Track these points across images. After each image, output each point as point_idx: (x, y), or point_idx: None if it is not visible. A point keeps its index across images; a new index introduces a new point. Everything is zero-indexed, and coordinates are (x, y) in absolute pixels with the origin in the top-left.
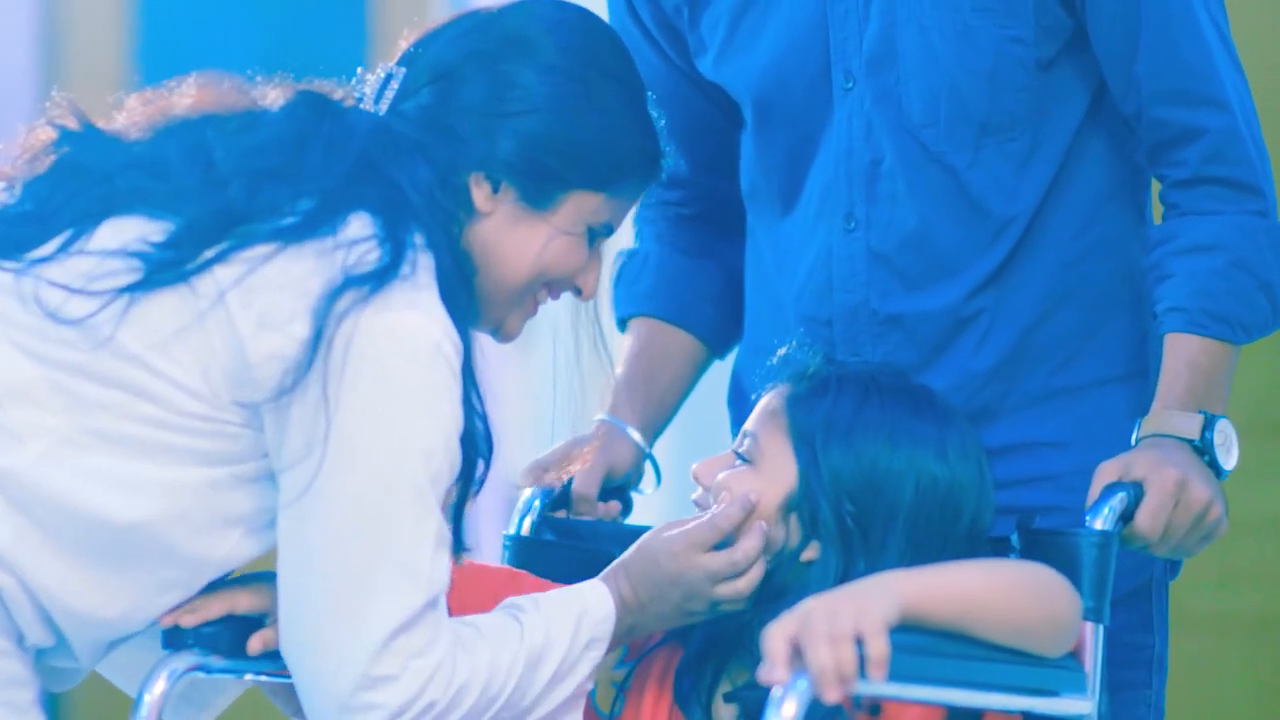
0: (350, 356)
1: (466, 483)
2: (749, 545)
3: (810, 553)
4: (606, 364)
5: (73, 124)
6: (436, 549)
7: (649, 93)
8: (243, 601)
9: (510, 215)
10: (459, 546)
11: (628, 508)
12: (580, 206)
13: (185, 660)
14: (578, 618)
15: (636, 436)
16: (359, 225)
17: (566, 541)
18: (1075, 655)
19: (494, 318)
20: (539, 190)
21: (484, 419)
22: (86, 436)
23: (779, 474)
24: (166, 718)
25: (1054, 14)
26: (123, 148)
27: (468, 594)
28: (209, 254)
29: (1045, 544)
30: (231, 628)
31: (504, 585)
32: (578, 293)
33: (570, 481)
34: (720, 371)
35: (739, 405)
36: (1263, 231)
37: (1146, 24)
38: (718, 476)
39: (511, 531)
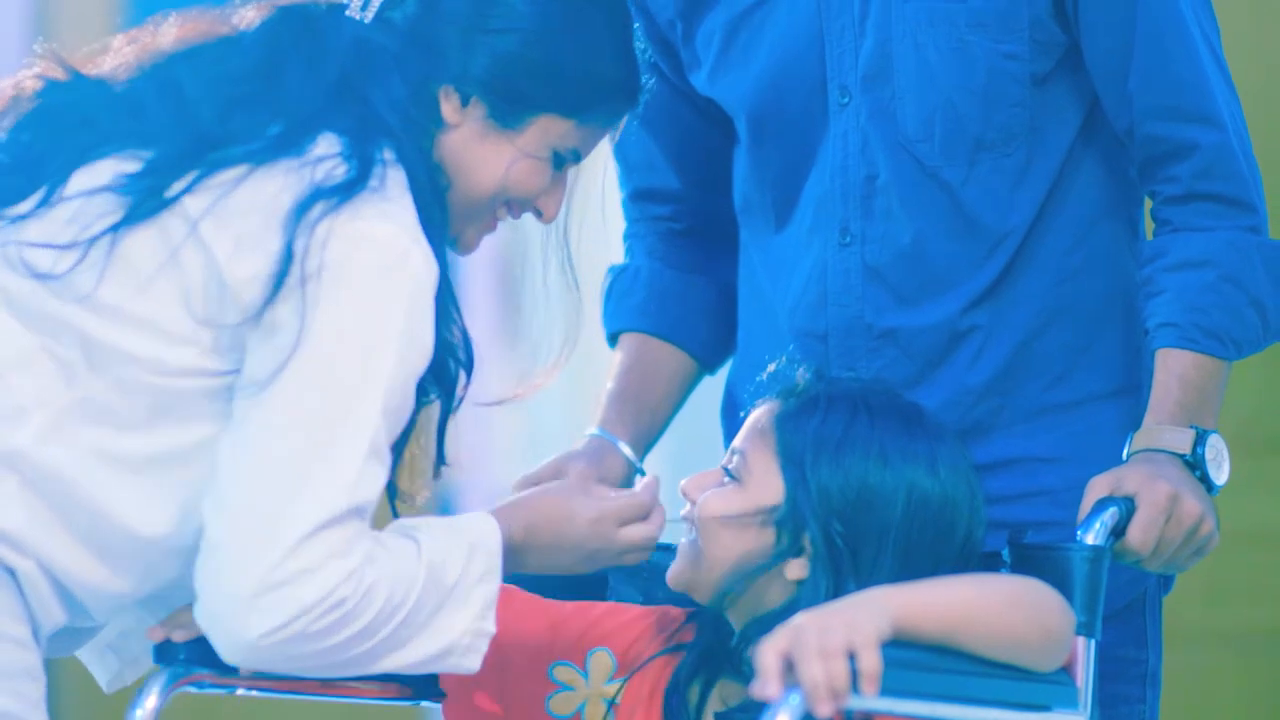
0: (320, 263)
1: (448, 397)
2: (649, 482)
3: (797, 571)
4: (573, 288)
5: (59, 73)
6: (369, 459)
7: (636, 24)
8: None
9: (477, 131)
10: (440, 460)
11: None
12: (548, 130)
13: (176, 674)
14: (470, 545)
15: (627, 451)
16: (326, 144)
17: None
18: (1068, 670)
19: (453, 229)
20: (508, 110)
21: (463, 331)
22: (83, 407)
23: (766, 492)
24: (91, 667)
25: (1049, 29)
26: (105, 91)
27: None
28: (181, 184)
29: (1037, 559)
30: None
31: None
32: (539, 215)
33: None
34: (712, 385)
35: (731, 420)
36: (1254, 248)
37: (1140, 40)
38: (701, 496)
39: None
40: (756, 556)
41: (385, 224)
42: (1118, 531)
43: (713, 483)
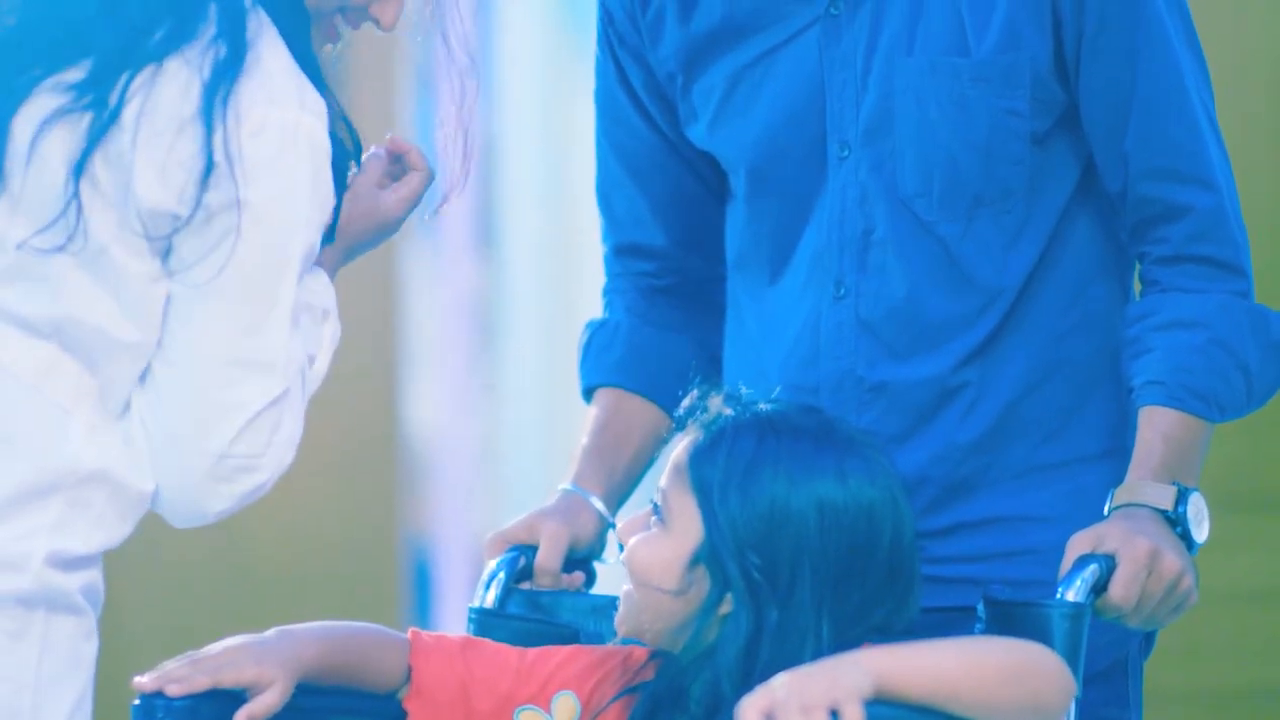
0: (228, 162)
1: (340, 186)
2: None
3: (726, 607)
4: (462, 60)
5: None
6: (292, 333)
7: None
8: (228, 677)
9: None
10: (331, 236)
11: (591, 579)
12: None
13: None
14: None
15: (600, 506)
16: (206, 27)
17: (532, 614)
18: None
19: None
20: None
21: (345, 120)
22: (109, 392)
23: (687, 531)
24: None
25: (1049, 88)
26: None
27: (430, 667)
28: (116, 93)
29: (1016, 616)
30: (208, 703)
31: (462, 652)
32: (378, 24)
33: (534, 553)
34: None
35: None
36: (1243, 312)
37: (1139, 100)
38: (629, 542)
39: (476, 604)
40: (693, 600)
41: (272, 109)
42: (1099, 589)
43: (643, 525)
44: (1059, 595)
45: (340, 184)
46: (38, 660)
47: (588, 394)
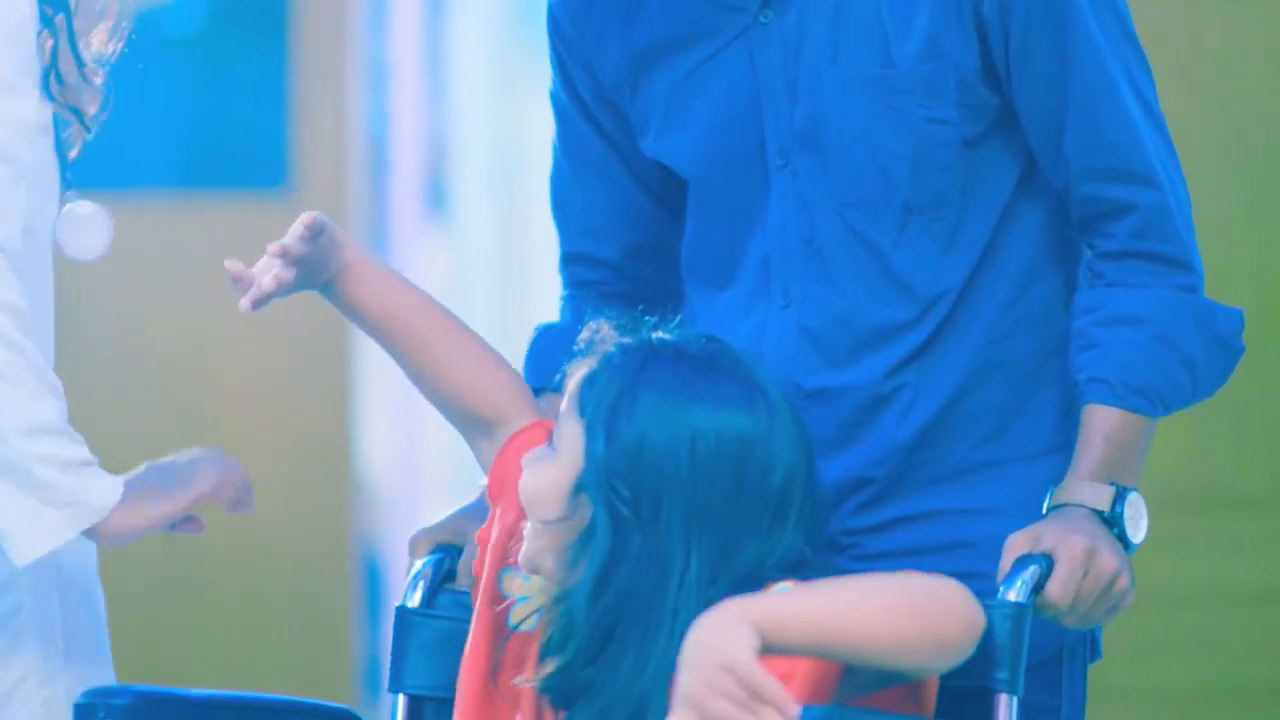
0: None
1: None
2: None
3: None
4: None
5: None
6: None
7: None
8: None
9: None
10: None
11: None
12: None
13: None
14: None
15: None
16: None
17: (459, 614)
18: None
19: None
20: None
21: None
22: None
23: (572, 459)
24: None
25: (978, 93)
26: None
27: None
28: None
29: None
30: (149, 704)
31: None
32: None
33: (458, 553)
34: None
35: None
36: (1187, 307)
37: (1071, 103)
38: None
39: (402, 604)
40: (574, 528)
41: None
42: (1037, 587)
43: (542, 454)
44: (1000, 595)
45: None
46: None
47: None
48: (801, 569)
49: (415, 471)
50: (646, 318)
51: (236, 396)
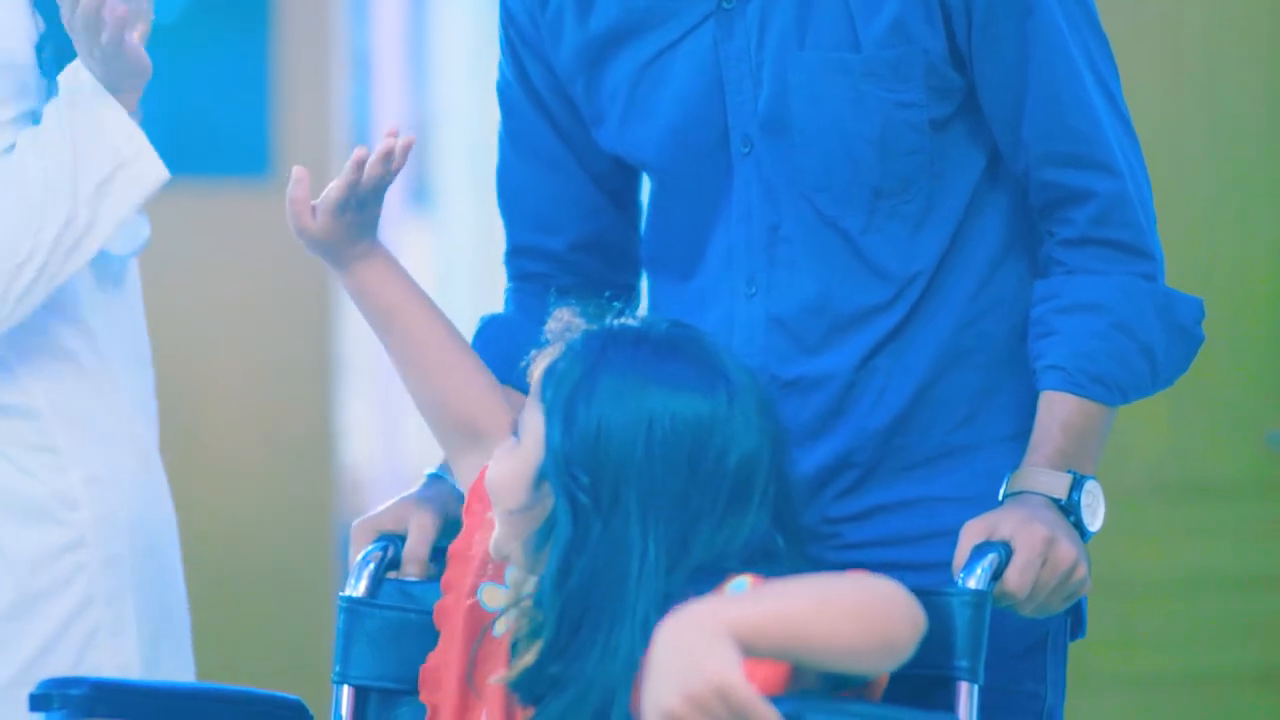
0: None
1: None
2: None
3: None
4: None
5: None
6: None
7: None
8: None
9: None
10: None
11: None
12: None
13: None
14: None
15: (465, 493)
16: None
17: (405, 604)
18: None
19: None
20: None
21: None
22: None
23: (535, 447)
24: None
25: (945, 76)
26: None
27: None
28: None
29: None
30: (105, 693)
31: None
32: None
33: (402, 542)
34: None
35: None
36: (1146, 295)
37: (1031, 89)
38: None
39: (346, 593)
40: (538, 516)
41: None
42: (995, 575)
43: (510, 445)
44: (960, 583)
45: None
46: None
47: None
48: (770, 560)
49: (397, 459)
50: (613, 304)
51: (218, 383)
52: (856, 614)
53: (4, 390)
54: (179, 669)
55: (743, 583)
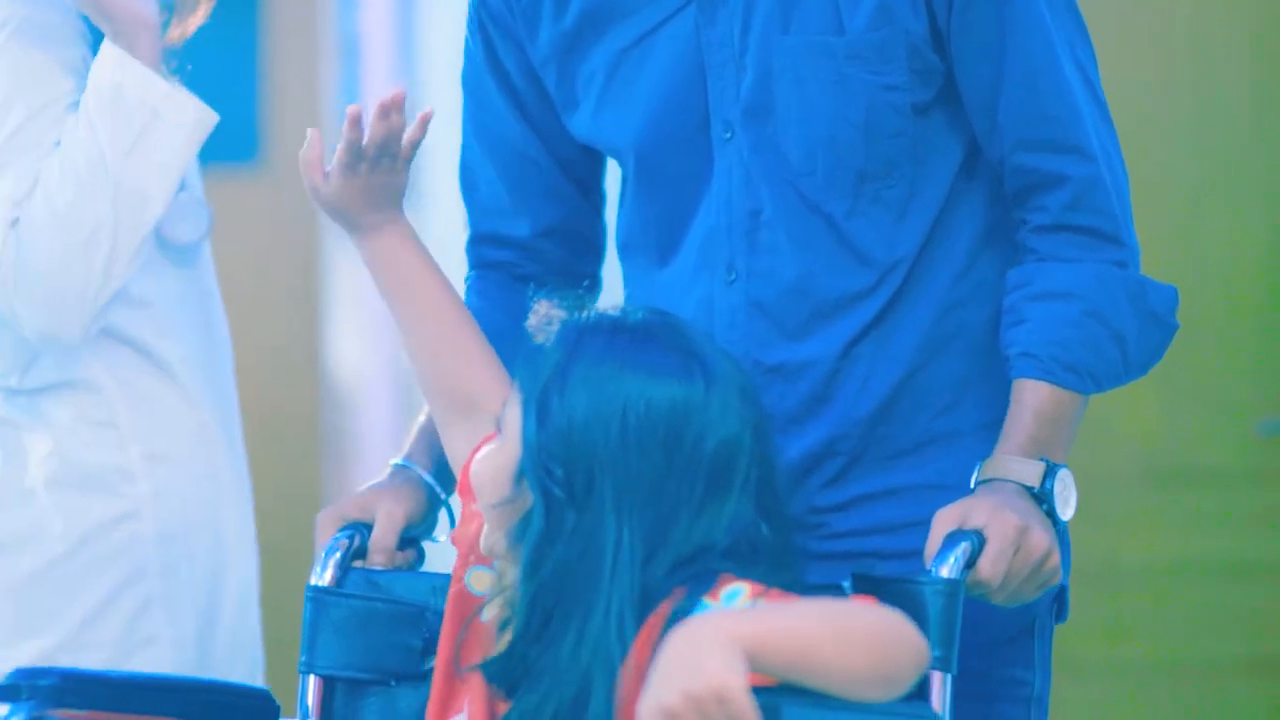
0: None
1: None
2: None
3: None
4: None
5: None
6: None
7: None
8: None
9: None
10: None
11: (421, 556)
12: None
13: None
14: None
15: (430, 480)
16: None
17: (371, 593)
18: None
19: None
20: None
21: None
22: None
23: (516, 442)
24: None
25: (927, 59)
26: None
27: None
28: None
29: (890, 592)
30: (73, 683)
31: None
32: None
33: (368, 530)
34: None
35: None
36: (1119, 282)
37: (1008, 72)
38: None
39: (313, 582)
40: (519, 510)
41: None
42: (968, 564)
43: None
44: (933, 571)
45: None
46: None
47: None
48: (756, 554)
49: (388, 422)
50: (592, 295)
51: None
52: (868, 646)
53: (68, 366)
54: (237, 649)
55: (739, 589)
